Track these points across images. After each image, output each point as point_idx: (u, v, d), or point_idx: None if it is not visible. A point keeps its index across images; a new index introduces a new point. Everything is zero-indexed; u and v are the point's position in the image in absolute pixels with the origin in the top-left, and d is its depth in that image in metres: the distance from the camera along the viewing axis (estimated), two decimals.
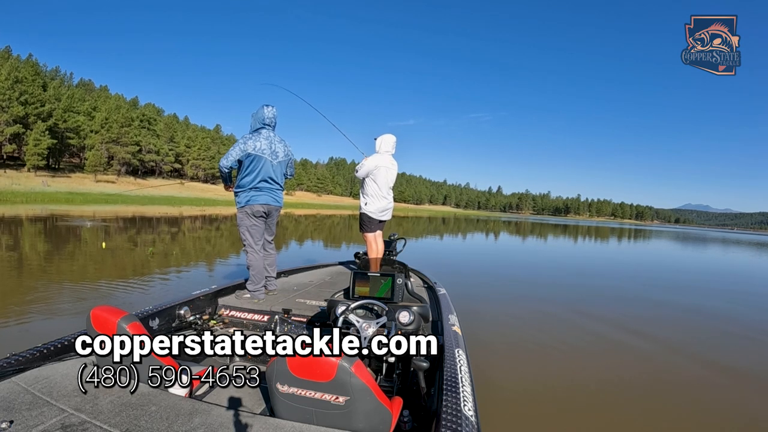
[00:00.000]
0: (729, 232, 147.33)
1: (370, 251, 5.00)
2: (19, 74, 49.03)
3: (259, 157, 3.65)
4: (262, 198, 3.69)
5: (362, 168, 4.87)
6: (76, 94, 60.92)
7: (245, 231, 3.71)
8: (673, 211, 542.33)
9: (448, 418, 1.54)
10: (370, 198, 4.90)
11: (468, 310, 5.87)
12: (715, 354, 5.24)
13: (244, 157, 3.63)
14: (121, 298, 5.84)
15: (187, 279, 7.43)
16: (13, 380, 1.65)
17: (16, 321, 4.63)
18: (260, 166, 3.66)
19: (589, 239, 32.47)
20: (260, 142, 3.66)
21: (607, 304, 7.94)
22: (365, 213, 4.93)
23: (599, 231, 52.32)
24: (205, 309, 3.26)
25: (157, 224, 19.51)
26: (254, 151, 3.62)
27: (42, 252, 9.63)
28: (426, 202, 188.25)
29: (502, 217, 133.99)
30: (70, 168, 58.35)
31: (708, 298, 9.32)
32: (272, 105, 3.79)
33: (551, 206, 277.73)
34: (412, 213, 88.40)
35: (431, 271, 4.85)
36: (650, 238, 42.28)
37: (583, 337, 5.51)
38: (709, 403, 3.81)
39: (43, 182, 45.48)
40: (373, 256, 4.89)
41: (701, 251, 28.00)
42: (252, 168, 3.65)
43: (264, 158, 3.67)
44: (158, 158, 68.77)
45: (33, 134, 48.61)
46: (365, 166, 4.84)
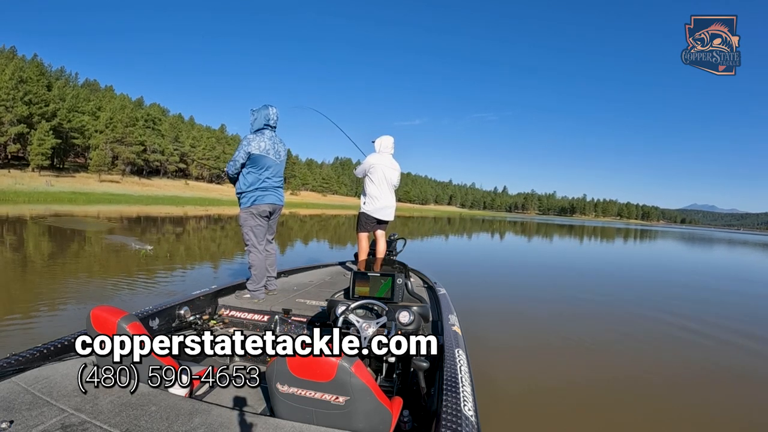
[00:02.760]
0: (735, 233, 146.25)
1: (360, 251, 5.01)
2: (23, 74, 49.12)
3: (265, 157, 3.66)
4: (268, 198, 3.70)
5: (359, 167, 4.93)
6: (81, 94, 61.04)
7: (249, 231, 3.71)
8: (679, 212, 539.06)
9: (448, 418, 1.53)
10: (368, 197, 4.93)
11: (469, 310, 5.85)
12: (716, 355, 5.21)
13: (248, 157, 3.64)
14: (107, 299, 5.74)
15: (175, 284, 7.04)
16: (13, 380, 1.65)
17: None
18: (265, 166, 3.67)
19: (594, 240, 32.35)
20: (264, 142, 3.67)
21: (609, 305, 7.92)
22: (362, 212, 4.97)
23: (605, 231, 52.07)
24: (205, 309, 3.26)
25: (158, 224, 19.49)
26: (259, 152, 3.63)
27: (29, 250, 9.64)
28: (431, 202, 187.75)
29: (507, 217, 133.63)
30: (74, 168, 58.48)
31: (709, 299, 9.27)
32: (274, 106, 3.80)
33: (557, 206, 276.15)
34: (418, 213, 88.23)
35: (436, 272, 4.84)
36: (656, 239, 42.09)
37: (583, 338, 5.49)
38: (710, 405, 3.79)
39: (47, 182, 45.56)
40: (362, 256, 4.85)
41: (707, 251, 27.89)
42: (257, 168, 3.66)
43: (269, 158, 3.68)
44: (163, 158, 68.90)
45: (37, 134, 48.66)
46: (362, 165, 4.89)
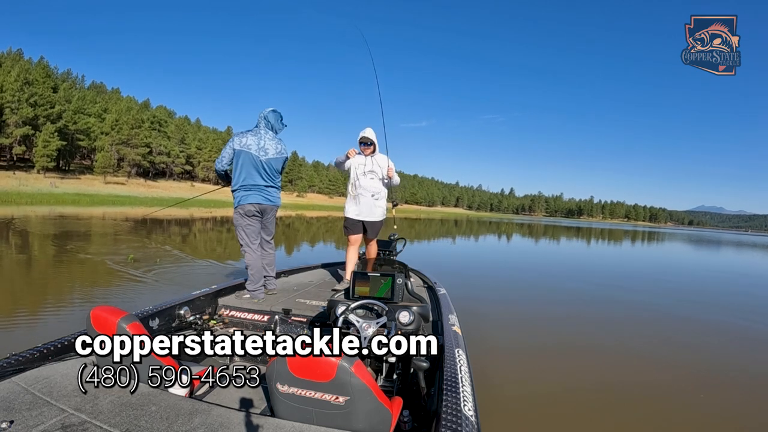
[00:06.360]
0: (743, 234, 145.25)
1: (347, 259, 4.53)
2: (29, 76, 49.63)
3: (246, 153, 3.61)
4: (252, 197, 3.66)
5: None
6: (88, 96, 61.62)
7: (241, 231, 3.71)
8: (687, 213, 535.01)
9: (448, 418, 1.53)
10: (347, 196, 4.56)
11: (470, 310, 5.86)
12: (715, 356, 5.23)
13: (232, 154, 3.63)
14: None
15: (158, 291, 6.51)
16: (13, 380, 1.66)
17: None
18: (246, 163, 3.62)
19: (602, 242, 32.22)
20: (247, 138, 3.64)
21: (610, 307, 7.90)
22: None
23: (612, 233, 51.85)
24: (205, 309, 3.27)
25: (160, 226, 19.51)
26: (240, 147, 3.61)
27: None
28: (438, 203, 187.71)
29: (514, 219, 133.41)
30: (80, 170, 58.89)
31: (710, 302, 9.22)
32: (277, 110, 3.80)
33: (564, 208, 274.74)
34: (425, 215, 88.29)
35: (441, 273, 4.80)
36: (663, 241, 41.90)
37: (584, 339, 5.49)
38: (710, 408, 3.77)
39: (51, 183, 45.89)
40: (349, 267, 4.40)
41: (711, 253, 27.74)
42: (239, 165, 3.63)
43: (250, 154, 3.62)
44: (169, 160, 69.32)
45: (42, 136, 49.07)
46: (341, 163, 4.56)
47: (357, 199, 4.38)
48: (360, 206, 4.37)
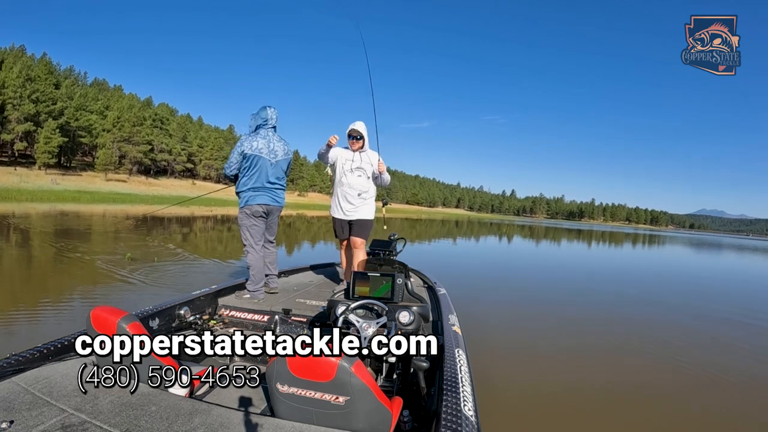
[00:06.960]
0: (744, 239, 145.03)
1: (341, 261, 4.45)
2: (31, 73, 49.56)
3: (257, 157, 3.63)
4: (260, 198, 3.68)
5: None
6: (90, 93, 61.54)
7: (245, 231, 3.72)
8: (688, 217, 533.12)
9: (448, 418, 1.53)
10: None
11: (470, 310, 5.85)
12: (716, 356, 5.23)
13: (242, 157, 3.63)
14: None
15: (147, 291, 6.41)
16: (13, 380, 1.65)
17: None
18: (258, 166, 3.64)
19: (603, 245, 32.20)
20: (257, 141, 3.65)
21: (610, 307, 7.90)
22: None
23: (613, 236, 51.79)
24: (205, 309, 3.27)
25: (160, 224, 19.50)
26: (251, 151, 3.61)
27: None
28: (439, 204, 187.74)
29: (515, 220, 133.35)
30: (81, 167, 58.84)
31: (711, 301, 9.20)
32: (273, 107, 3.79)
33: (565, 210, 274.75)
34: (426, 216, 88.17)
35: (439, 273, 4.82)
36: (664, 244, 41.86)
37: (584, 339, 5.50)
38: (710, 408, 3.77)
39: (52, 180, 45.80)
40: (345, 268, 4.30)
41: (707, 255, 27.70)
42: (250, 168, 3.64)
43: (262, 157, 3.65)
44: (170, 158, 69.27)
45: (44, 132, 49.01)
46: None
47: (343, 197, 4.17)
48: (346, 205, 4.17)
